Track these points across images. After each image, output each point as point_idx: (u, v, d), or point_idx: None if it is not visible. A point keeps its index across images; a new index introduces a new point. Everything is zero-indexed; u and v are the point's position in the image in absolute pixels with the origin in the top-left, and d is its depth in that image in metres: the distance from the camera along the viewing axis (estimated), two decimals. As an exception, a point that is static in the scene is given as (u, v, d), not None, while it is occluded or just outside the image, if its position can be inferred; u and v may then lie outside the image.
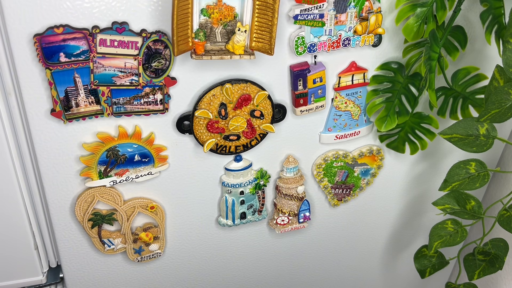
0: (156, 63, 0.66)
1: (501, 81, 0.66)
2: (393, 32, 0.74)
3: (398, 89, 0.78)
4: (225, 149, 0.75)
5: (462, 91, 0.78)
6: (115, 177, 0.73)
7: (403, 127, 0.82)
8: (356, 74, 0.76)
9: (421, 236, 1.06)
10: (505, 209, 0.78)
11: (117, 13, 0.61)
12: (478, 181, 0.76)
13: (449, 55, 0.75)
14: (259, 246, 0.94)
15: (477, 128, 0.72)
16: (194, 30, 0.62)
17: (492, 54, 0.79)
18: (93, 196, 0.74)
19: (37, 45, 0.60)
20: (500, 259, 0.82)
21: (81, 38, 0.61)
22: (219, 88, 0.70)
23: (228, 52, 0.65)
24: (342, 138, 0.82)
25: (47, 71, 0.62)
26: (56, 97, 0.64)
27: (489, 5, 0.67)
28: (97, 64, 0.64)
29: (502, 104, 0.65)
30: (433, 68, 0.68)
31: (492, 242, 0.84)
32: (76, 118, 0.67)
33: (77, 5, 0.59)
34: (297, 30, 0.68)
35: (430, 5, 0.68)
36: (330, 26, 0.69)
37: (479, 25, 0.69)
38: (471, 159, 0.76)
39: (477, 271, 0.86)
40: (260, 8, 0.62)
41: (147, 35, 0.63)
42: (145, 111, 0.69)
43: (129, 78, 0.66)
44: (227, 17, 0.64)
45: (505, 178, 0.95)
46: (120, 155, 0.71)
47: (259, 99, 0.72)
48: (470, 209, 0.81)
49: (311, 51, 0.70)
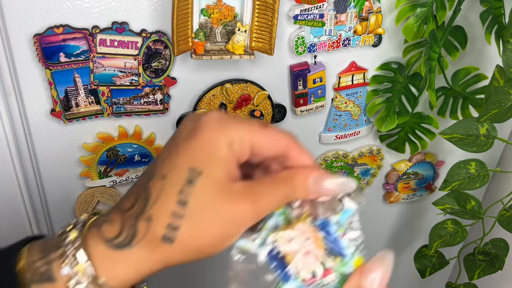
0: (156, 63, 0.66)
1: (501, 81, 0.66)
2: (393, 32, 0.74)
3: (398, 89, 0.77)
4: (225, 149, 0.75)
5: (462, 91, 0.78)
6: (115, 177, 0.73)
7: (403, 127, 0.82)
8: (356, 74, 0.76)
9: (421, 236, 1.06)
10: (505, 209, 0.78)
11: (117, 13, 0.61)
12: (478, 181, 0.76)
13: (449, 55, 0.75)
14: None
15: (477, 128, 0.72)
16: (194, 30, 0.62)
17: (492, 54, 0.79)
18: (93, 196, 0.74)
19: (37, 45, 0.60)
20: (500, 259, 0.82)
21: (81, 38, 0.61)
22: (219, 88, 0.70)
23: (228, 52, 0.65)
24: (342, 138, 0.82)
25: (47, 71, 0.62)
26: (56, 97, 0.64)
27: (489, 5, 0.67)
28: (97, 64, 0.64)
29: (502, 104, 0.65)
30: (433, 68, 0.68)
31: (492, 242, 0.84)
32: (76, 118, 0.67)
33: (77, 5, 0.59)
34: (297, 30, 0.68)
35: (430, 5, 0.68)
36: (330, 26, 0.69)
37: (479, 25, 0.69)
38: (471, 159, 0.76)
39: (477, 271, 0.86)
40: (260, 8, 0.62)
41: (147, 35, 0.63)
42: (145, 111, 0.69)
43: (129, 78, 0.66)
44: (227, 17, 0.64)
45: (505, 178, 0.95)
46: (120, 155, 0.71)
47: (259, 99, 0.72)
48: (470, 209, 0.81)
49: (311, 51, 0.70)
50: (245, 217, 0.43)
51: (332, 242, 0.45)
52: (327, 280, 0.44)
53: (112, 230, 0.43)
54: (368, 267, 0.45)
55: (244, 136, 0.44)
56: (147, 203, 0.42)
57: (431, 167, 0.93)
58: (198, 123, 0.44)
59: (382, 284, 0.44)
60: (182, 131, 0.44)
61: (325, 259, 0.44)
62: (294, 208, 0.46)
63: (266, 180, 0.45)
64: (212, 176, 0.42)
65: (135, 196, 0.44)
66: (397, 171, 0.91)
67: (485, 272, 0.85)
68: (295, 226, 0.45)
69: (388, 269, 0.45)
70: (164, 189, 0.42)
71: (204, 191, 0.42)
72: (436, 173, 0.94)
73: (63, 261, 0.42)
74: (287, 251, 0.44)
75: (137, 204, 0.43)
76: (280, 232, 0.45)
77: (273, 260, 0.45)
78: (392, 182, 0.92)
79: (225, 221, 0.43)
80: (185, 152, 0.43)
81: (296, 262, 0.44)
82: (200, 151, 0.43)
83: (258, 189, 0.44)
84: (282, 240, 0.45)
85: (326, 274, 0.44)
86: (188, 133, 0.44)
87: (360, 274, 0.44)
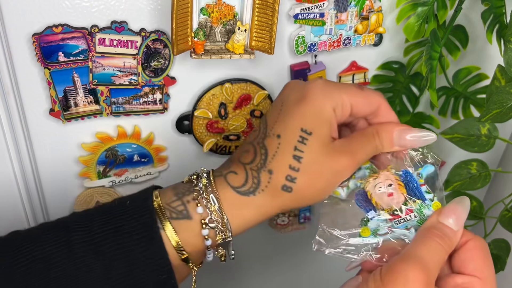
0: (156, 62, 0.65)
1: (502, 81, 0.66)
2: (394, 31, 0.74)
3: (399, 88, 0.77)
4: (225, 149, 0.75)
5: (463, 91, 0.78)
6: (114, 177, 0.73)
7: (404, 127, 0.82)
8: (356, 73, 0.76)
9: (422, 236, 1.05)
10: (507, 210, 0.77)
11: (116, 12, 0.61)
12: (480, 181, 0.76)
13: (450, 54, 0.75)
14: (259, 246, 0.93)
15: (478, 128, 0.72)
16: (193, 29, 0.62)
17: (493, 53, 0.79)
18: (92, 197, 0.74)
19: (36, 44, 0.60)
20: (502, 260, 0.81)
21: (80, 37, 0.61)
22: (219, 88, 0.69)
23: (228, 52, 0.64)
24: (342, 138, 0.82)
25: (45, 70, 0.62)
26: (55, 96, 0.64)
27: (490, 5, 0.67)
28: (96, 63, 0.63)
29: (504, 104, 0.65)
30: (434, 68, 0.68)
31: (494, 243, 0.83)
32: (75, 118, 0.66)
33: (76, 4, 0.59)
34: (297, 30, 0.68)
35: (431, 4, 0.67)
36: (331, 25, 0.69)
37: (480, 24, 0.69)
38: (472, 159, 0.76)
39: (479, 272, 0.85)
40: (260, 7, 0.62)
41: (146, 34, 0.63)
42: (144, 111, 0.69)
43: (128, 78, 0.65)
44: (227, 16, 0.63)
45: (507, 179, 0.94)
46: (119, 155, 0.71)
47: (259, 98, 0.72)
48: (471, 210, 0.80)
49: (312, 51, 0.70)
50: (346, 169, 0.51)
51: (413, 189, 0.52)
52: (408, 218, 0.51)
53: (238, 179, 0.51)
54: (448, 208, 0.50)
55: (345, 100, 0.51)
56: (267, 158, 0.50)
57: (432, 167, 0.93)
58: (306, 90, 0.51)
59: (460, 222, 0.49)
60: (290, 96, 0.52)
61: (407, 201, 0.51)
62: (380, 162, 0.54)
63: (358, 137, 0.52)
64: (320, 136, 0.49)
65: (253, 151, 0.51)
66: (398, 171, 0.90)
67: (487, 273, 0.85)
68: (380, 174, 0.52)
69: (465, 210, 0.50)
70: (281, 146, 0.49)
71: (314, 148, 0.49)
72: (437, 174, 0.94)
73: (198, 202, 0.50)
74: (373, 194, 0.52)
75: (257, 158, 0.50)
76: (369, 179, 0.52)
77: (360, 201, 0.52)
78: (393, 183, 0.92)
79: (331, 173, 0.50)
80: (296, 115, 0.50)
81: (380, 202, 0.51)
82: (310, 115, 0.49)
83: (354, 145, 0.51)
84: (368, 185, 0.52)
85: (408, 213, 0.51)
86: (297, 98, 0.51)
87: (440, 213, 0.50)
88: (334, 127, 0.51)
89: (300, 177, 0.49)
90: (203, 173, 0.53)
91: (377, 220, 0.51)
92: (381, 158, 0.54)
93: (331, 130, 0.51)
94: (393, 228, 0.51)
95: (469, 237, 0.49)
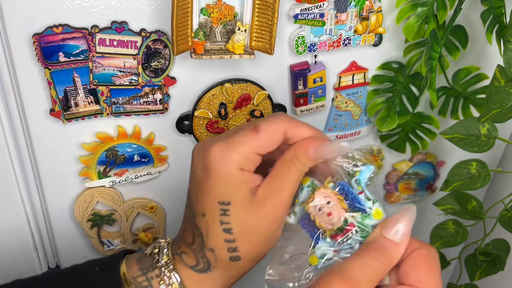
0: (156, 62, 0.65)
1: (502, 81, 0.66)
2: (393, 31, 0.74)
3: (399, 89, 0.77)
4: (225, 149, 0.75)
5: (463, 91, 0.78)
6: (114, 177, 0.73)
7: (404, 127, 0.82)
8: (356, 73, 0.76)
9: (422, 236, 1.05)
10: (507, 210, 0.77)
11: (117, 12, 0.61)
12: (479, 181, 0.76)
13: (450, 54, 0.75)
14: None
15: (478, 128, 0.72)
16: (193, 30, 0.62)
17: (493, 53, 0.79)
18: (92, 197, 0.74)
19: (36, 44, 0.60)
20: (502, 260, 0.81)
21: (80, 37, 0.61)
22: (219, 88, 0.69)
23: (228, 52, 0.64)
24: (342, 138, 0.82)
25: (46, 70, 0.62)
26: (55, 96, 0.64)
27: (490, 5, 0.67)
28: (96, 63, 0.63)
29: (503, 104, 0.65)
30: (434, 68, 0.68)
31: (493, 243, 0.83)
32: (75, 118, 0.67)
33: (76, 4, 0.59)
34: (297, 30, 0.68)
35: (431, 4, 0.67)
36: (331, 25, 0.69)
37: (480, 24, 0.69)
38: (472, 159, 0.76)
39: (478, 271, 0.86)
40: (260, 8, 0.62)
41: (147, 34, 0.63)
42: (145, 111, 0.69)
43: (129, 78, 0.65)
44: (227, 17, 0.64)
45: (506, 179, 0.94)
46: (120, 155, 0.71)
47: (259, 99, 0.72)
48: (471, 210, 0.81)
49: (312, 51, 0.70)
50: (278, 211, 0.50)
51: (352, 200, 0.49)
52: (351, 235, 0.49)
53: (190, 260, 0.52)
54: (391, 219, 0.49)
55: (247, 153, 0.50)
56: (203, 238, 0.51)
57: (432, 167, 0.93)
58: (207, 162, 0.50)
59: (405, 233, 0.48)
60: (197, 170, 0.52)
61: (347, 216, 0.49)
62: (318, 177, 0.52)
63: (279, 166, 0.51)
64: (239, 201, 0.49)
65: (191, 231, 0.52)
66: (398, 171, 0.90)
67: (486, 272, 0.85)
68: (318, 193, 0.50)
69: (411, 221, 0.50)
70: (209, 225, 0.50)
71: (239, 215, 0.49)
72: (436, 174, 0.94)
73: (161, 279, 0.52)
74: (316, 215, 0.50)
75: (196, 239, 0.51)
76: (308, 201, 0.50)
77: (306, 225, 0.51)
78: (393, 182, 0.92)
79: (266, 224, 0.50)
80: (209, 190, 0.50)
81: (322, 223, 0.50)
82: (221, 186, 0.49)
83: (277, 181, 0.50)
84: (309, 208, 0.50)
85: (348, 230, 0.49)
86: (204, 173, 0.50)
87: (384, 226, 0.48)
88: (250, 182, 0.50)
89: (241, 245, 0.50)
90: (163, 248, 0.54)
91: (323, 243, 0.49)
92: (319, 169, 0.52)
93: (248, 186, 0.50)
94: (338, 249, 0.49)
95: (416, 247, 0.48)
